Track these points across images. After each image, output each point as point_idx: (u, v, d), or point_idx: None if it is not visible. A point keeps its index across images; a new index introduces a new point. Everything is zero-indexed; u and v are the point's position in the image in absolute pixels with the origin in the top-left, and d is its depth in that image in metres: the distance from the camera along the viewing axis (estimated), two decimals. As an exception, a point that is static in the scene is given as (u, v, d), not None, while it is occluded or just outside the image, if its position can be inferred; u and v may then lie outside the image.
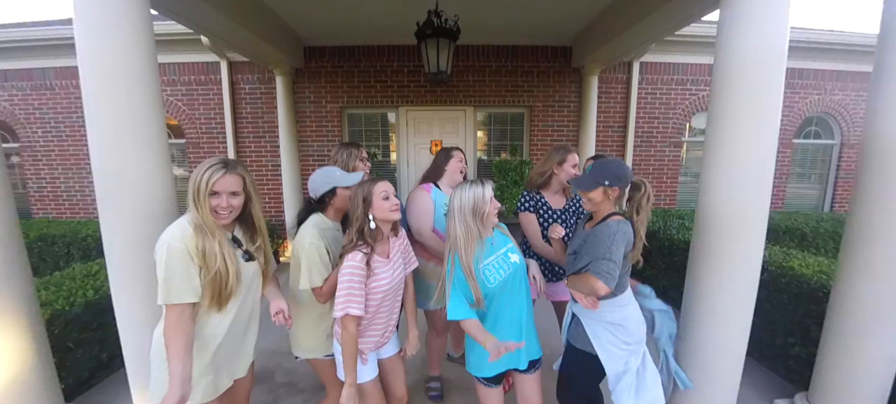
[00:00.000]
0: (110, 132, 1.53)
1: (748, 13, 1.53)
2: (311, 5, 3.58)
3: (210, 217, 1.17)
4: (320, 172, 1.58)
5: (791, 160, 5.33)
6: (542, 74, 4.81)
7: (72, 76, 4.86)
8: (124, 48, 1.51)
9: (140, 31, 1.55)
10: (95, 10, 1.46)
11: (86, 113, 1.53)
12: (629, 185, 1.48)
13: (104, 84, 1.51)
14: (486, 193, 1.38)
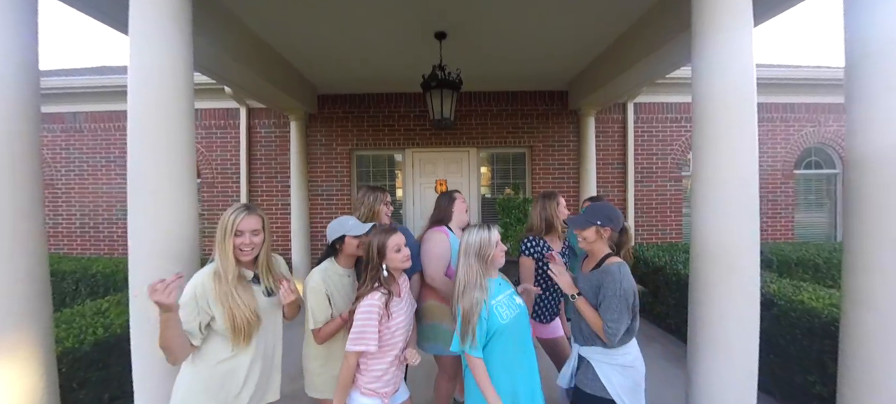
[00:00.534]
0: (149, 175, 1.68)
1: (716, 60, 1.73)
2: (326, 61, 3.93)
3: (232, 258, 1.29)
4: (336, 221, 1.71)
5: (795, 190, 5.37)
6: (541, 116, 5.07)
7: (101, 120, 5.23)
8: (167, 101, 1.70)
9: (182, 86, 1.75)
10: (147, 67, 1.67)
11: (129, 154, 1.68)
12: (621, 228, 1.58)
13: (149, 131, 1.68)
14: (491, 237, 1.48)
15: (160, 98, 1.68)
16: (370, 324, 1.38)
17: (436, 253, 1.93)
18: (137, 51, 1.68)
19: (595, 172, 4.91)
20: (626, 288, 1.40)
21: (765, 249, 4.27)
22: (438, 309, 1.93)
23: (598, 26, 3.25)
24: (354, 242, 1.63)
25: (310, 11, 2.90)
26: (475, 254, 1.45)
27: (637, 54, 3.26)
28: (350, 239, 1.64)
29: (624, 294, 1.40)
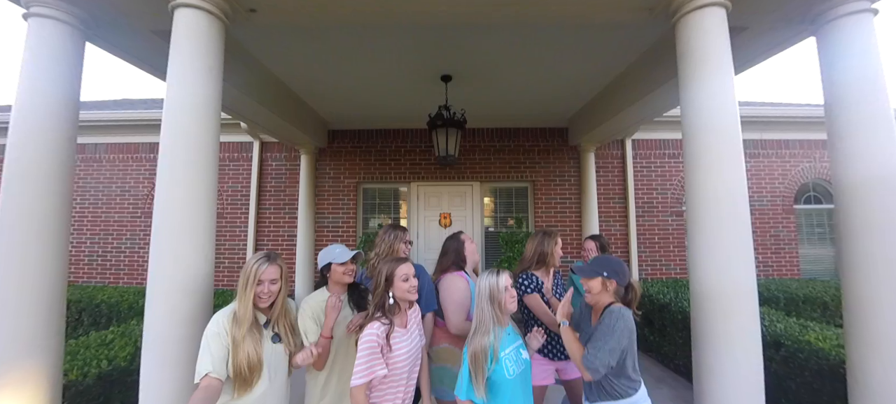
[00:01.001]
0: (173, 213, 1.78)
1: (701, 104, 1.88)
2: (338, 100, 4.17)
3: (251, 306, 1.38)
4: (325, 249, 1.79)
5: (797, 225, 5.39)
6: (543, 152, 5.24)
7: (119, 151, 5.46)
8: (196, 146, 1.84)
9: (209, 131, 1.90)
10: (180, 111, 1.82)
11: (157, 193, 1.79)
12: (627, 283, 1.60)
13: (178, 172, 1.80)
14: (499, 282, 1.50)
15: (189, 142, 1.82)
16: (373, 355, 1.39)
17: (456, 299, 1.89)
18: (172, 97, 1.84)
19: (596, 206, 4.99)
20: (622, 327, 1.41)
21: (771, 286, 4.30)
22: (450, 354, 1.91)
23: (593, 72, 3.48)
24: (341, 269, 1.69)
25: (326, 56, 3.15)
26: (487, 299, 1.48)
27: (631, 97, 3.45)
28: (336, 266, 1.70)
29: (619, 331, 1.40)
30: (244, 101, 3.34)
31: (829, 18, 2.04)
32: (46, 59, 1.98)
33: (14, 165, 1.87)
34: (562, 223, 5.19)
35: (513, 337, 1.56)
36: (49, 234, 1.90)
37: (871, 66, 1.91)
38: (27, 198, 1.86)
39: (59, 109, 1.99)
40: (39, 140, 1.91)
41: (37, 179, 1.88)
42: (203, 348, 1.31)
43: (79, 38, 2.13)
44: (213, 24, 1.94)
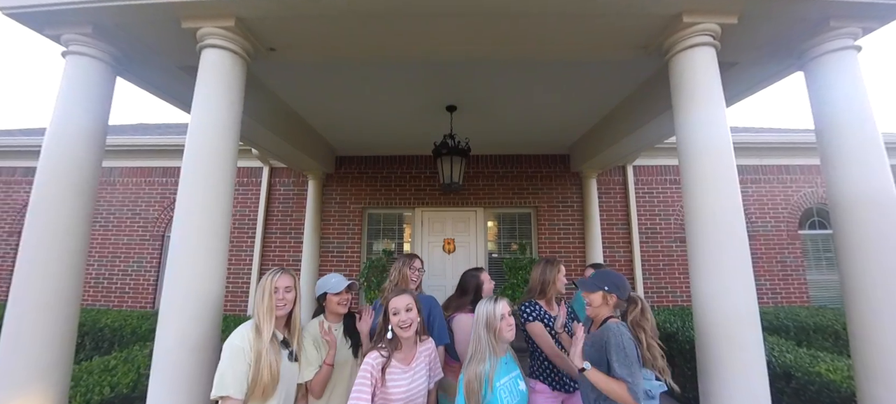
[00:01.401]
0: (190, 239, 1.84)
1: (695, 133, 1.97)
2: (347, 128, 4.34)
3: (271, 316, 1.44)
4: (322, 278, 1.85)
5: (803, 251, 5.33)
6: (545, 178, 5.33)
7: (133, 175, 5.62)
8: (215, 176, 1.93)
9: (228, 162, 2.00)
10: (202, 144, 1.93)
11: (176, 219, 1.86)
12: (627, 297, 1.64)
13: (196, 200, 1.88)
14: (497, 310, 1.53)
15: (209, 171, 1.91)
16: (363, 384, 1.40)
17: (466, 340, 1.88)
18: (195, 129, 1.95)
19: (600, 232, 5.01)
20: (627, 342, 1.43)
21: (780, 314, 4.22)
22: (448, 385, 1.91)
23: (592, 103, 3.62)
24: (335, 299, 1.75)
25: (337, 88, 3.32)
26: (483, 326, 1.51)
27: (630, 126, 3.57)
28: (331, 296, 1.75)
29: (628, 345, 1.42)
30: (257, 129, 3.49)
31: (814, 55, 2.15)
32: (80, 92, 2.13)
33: (43, 189, 1.97)
34: (565, 249, 5.19)
35: (510, 366, 1.57)
36: (69, 258, 1.97)
37: (857, 98, 2.00)
38: (52, 221, 1.94)
39: (88, 138, 2.11)
40: (68, 167, 2.02)
41: (62, 204, 1.97)
42: (226, 364, 1.34)
43: (111, 73, 2.29)
44: (235, 63, 2.09)
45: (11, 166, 5.88)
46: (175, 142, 5.47)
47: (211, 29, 2.00)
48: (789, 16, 1.99)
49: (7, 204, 5.79)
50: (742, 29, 2.05)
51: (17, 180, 5.82)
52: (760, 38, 2.21)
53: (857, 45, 2.10)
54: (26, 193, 5.74)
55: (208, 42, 2.02)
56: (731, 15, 1.94)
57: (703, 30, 1.97)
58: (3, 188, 5.83)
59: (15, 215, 5.72)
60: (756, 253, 5.28)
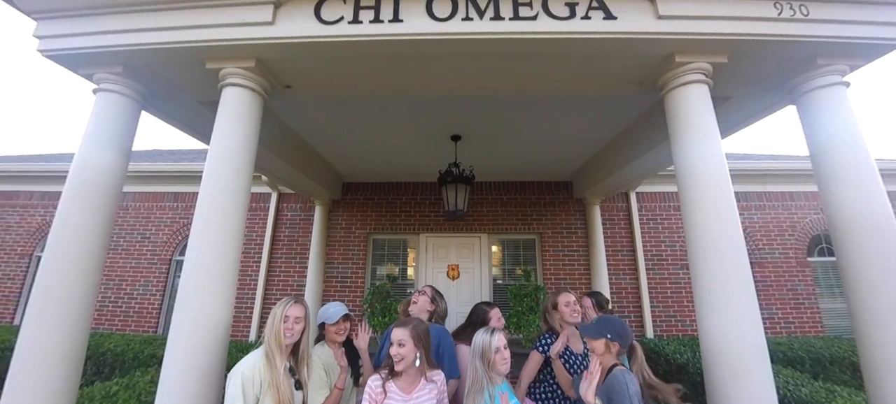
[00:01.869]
0: (202, 268, 1.90)
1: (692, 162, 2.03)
2: (354, 156, 4.48)
3: (282, 344, 1.49)
4: (323, 307, 1.92)
5: (814, 279, 5.23)
6: (549, 205, 5.38)
7: (145, 199, 5.76)
8: (230, 207, 2.02)
9: (242, 194, 2.09)
10: (219, 174, 2.02)
11: (189, 248, 1.92)
12: (629, 344, 1.64)
13: (210, 231, 1.95)
14: (492, 342, 1.56)
15: (224, 201, 2.00)
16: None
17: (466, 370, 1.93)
18: (213, 160, 2.06)
19: (605, 259, 4.98)
20: (634, 393, 1.43)
21: (794, 345, 4.09)
22: None
23: (593, 132, 3.73)
24: (332, 329, 1.81)
25: (346, 119, 3.47)
26: (479, 357, 1.54)
27: (631, 155, 3.65)
28: (329, 326, 1.81)
29: (634, 397, 1.42)
30: (268, 157, 3.62)
31: (805, 90, 2.24)
32: (108, 126, 2.26)
33: (66, 216, 2.06)
34: (570, 276, 5.15)
35: (507, 394, 1.58)
36: (84, 282, 2.04)
37: (849, 130, 2.06)
38: (72, 246, 2.03)
39: (112, 168, 2.23)
40: (92, 194, 2.12)
41: (83, 229, 2.06)
42: (236, 392, 1.36)
43: (137, 108, 2.44)
44: (253, 99, 2.23)
45: (29, 190, 6.07)
46: (187, 169, 5.65)
47: (233, 69, 2.15)
48: (776, 55, 2.10)
49: (22, 226, 5.93)
50: (732, 67, 2.15)
51: (34, 204, 5.99)
52: (751, 75, 2.31)
53: (845, 81, 2.18)
54: (41, 217, 5.89)
55: (229, 81, 2.16)
56: (721, 55, 2.05)
57: (695, 68, 2.08)
58: (19, 211, 5.99)
59: (28, 238, 5.84)
60: (766, 281, 5.19)
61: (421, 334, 1.60)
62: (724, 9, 1.95)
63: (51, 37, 2.20)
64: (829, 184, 2.07)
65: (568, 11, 1.92)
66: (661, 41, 1.97)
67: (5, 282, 5.68)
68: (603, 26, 1.91)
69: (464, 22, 1.90)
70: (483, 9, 1.92)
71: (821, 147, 2.13)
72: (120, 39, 2.13)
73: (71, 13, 2.16)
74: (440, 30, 1.91)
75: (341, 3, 1.99)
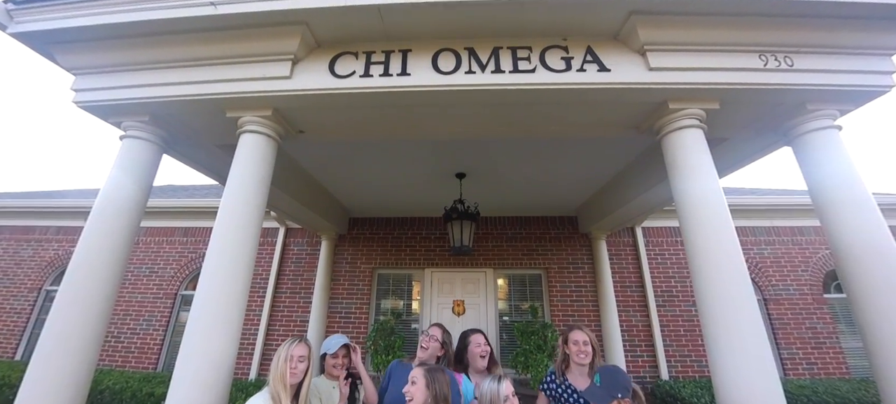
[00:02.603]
0: (209, 306, 1.93)
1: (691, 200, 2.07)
2: (361, 193, 4.60)
3: (288, 384, 1.54)
4: (326, 338, 1.99)
5: (833, 316, 5.02)
6: (554, 240, 5.37)
7: (156, 234, 5.87)
8: (241, 249, 2.08)
9: (253, 234, 2.16)
10: (232, 216, 2.11)
11: (199, 286, 1.96)
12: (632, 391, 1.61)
13: (221, 271, 2.00)
14: (501, 390, 1.55)
15: (236, 240, 2.07)
16: None
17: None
18: (228, 202, 2.14)
19: (613, 295, 4.88)
20: None
21: (819, 388, 3.88)
22: None
23: (596, 170, 3.81)
24: (331, 361, 1.88)
25: (354, 159, 3.61)
26: None
27: (633, 192, 3.70)
28: (329, 357, 1.89)
29: None
30: (277, 194, 3.74)
31: (799, 133, 2.30)
32: (131, 169, 2.40)
33: (84, 254, 2.14)
34: (579, 313, 5.04)
35: None
36: (95, 320, 2.08)
37: (844, 170, 2.09)
38: (88, 285, 2.09)
39: (131, 208, 2.34)
40: (111, 233, 2.22)
41: (100, 269, 2.13)
42: None
43: (159, 152, 2.59)
44: (268, 144, 2.36)
45: (45, 225, 6.25)
46: (199, 205, 5.81)
47: (251, 117, 2.30)
48: (765, 101, 2.20)
49: (34, 260, 6.04)
50: (725, 112, 2.24)
51: (49, 238, 6.14)
52: (744, 119, 2.40)
53: (837, 125, 2.25)
54: (54, 251, 6.02)
55: (247, 128, 2.31)
56: (712, 102, 2.15)
57: (688, 114, 2.17)
58: (34, 245, 6.14)
59: (40, 271, 5.94)
60: (783, 318, 5.01)
61: (437, 384, 1.51)
62: (711, 61, 2.07)
63: (87, 90, 2.40)
64: (830, 222, 2.09)
65: (564, 65, 2.06)
66: (653, 90, 2.08)
67: (12, 316, 5.71)
68: (597, 77, 2.04)
69: (467, 75, 2.05)
70: (484, 63, 2.07)
71: (818, 186, 2.17)
72: (149, 92, 2.31)
73: (107, 69, 2.37)
74: (445, 82, 2.05)
75: (353, 59, 2.16)
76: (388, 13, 1.97)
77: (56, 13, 2.20)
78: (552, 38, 2.09)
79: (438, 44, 2.11)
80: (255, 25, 2.13)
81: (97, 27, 2.18)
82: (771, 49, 2.12)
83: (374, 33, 2.11)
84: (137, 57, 2.30)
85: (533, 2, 1.88)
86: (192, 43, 2.24)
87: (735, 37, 2.09)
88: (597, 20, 2.02)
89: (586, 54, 2.08)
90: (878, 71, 2.15)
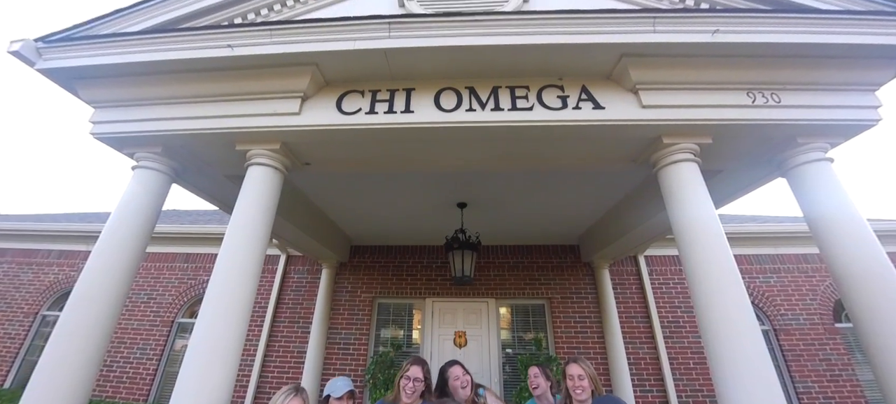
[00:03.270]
0: (210, 335, 1.92)
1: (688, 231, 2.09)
2: (363, 222, 4.64)
3: None
4: (331, 380, 1.97)
5: (846, 347, 4.86)
6: (556, 269, 5.32)
7: (157, 260, 5.86)
8: (244, 278, 2.10)
9: (256, 263, 2.18)
10: (237, 245, 2.14)
11: (200, 317, 1.96)
12: None
13: (224, 299, 2.01)
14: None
15: (240, 268, 2.09)
16: None
17: None
18: (234, 230, 2.18)
19: (618, 326, 4.77)
20: None
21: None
22: None
23: (596, 199, 3.86)
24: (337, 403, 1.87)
25: (357, 189, 3.68)
26: None
27: (634, 221, 3.72)
28: (333, 400, 1.88)
29: None
30: (282, 223, 3.78)
31: (792, 165, 2.35)
32: (141, 198, 2.46)
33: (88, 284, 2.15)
34: (584, 345, 4.90)
35: None
36: (93, 348, 2.06)
37: (838, 200, 2.12)
38: (89, 314, 2.09)
39: (139, 234, 2.38)
40: (117, 262, 2.24)
41: (103, 297, 2.14)
42: None
43: (168, 181, 2.67)
44: (275, 176, 2.43)
45: (47, 248, 6.27)
46: (202, 231, 5.85)
47: (259, 150, 2.39)
48: (756, 136, 2.27)
49: (34, 284, 6.01)
50: (718, 146, 2.32)
51: (50, 262, 6.14)
52: (737, 152, 2.47)
53: (828, 157, 2.31)
54: (54, 275, 6.00)
55: (255, 160, 2.39)
56: (705, 137, 2.23)
57: (682, 148, 2.24)
58: (34, 269, 6.13)
59: (37, 296, 5.89)
60: (795, 350, 4.87)
61: None
62: (701, 99, 2.16)
63: (104, 122, 2.51)
64: (829, 253, 2.10)
65: (560, 103, 2.16)
66: (646, 126, 2.17)
67: (5, 341, 5.60)
68: (592, 115, 2.13)
69: (468, 112, 2.15)
70: (484, 101, 2.17)
71: (815, 217, 2.19)
72: (163, 125, 2.41)
73: (124, 103, 2.49)
74: (446, 119, 2.15)
75: (360, 97, 2.27)
76: (394, 56, 2.10)
77: (83, 51, 2.35)
78: (548, 77, 2.21)
79: (440, 83, 2.22)
80: (268, 65, 2.26)
81: (121, 65, 2.32)
82: (758, 86, 2.22)
83: (380, 73, 2.23)
84: (154, 92, 2.43)
85: (529, 46, 2.01)
86: (207, 80, 2.37)
87: (722, 76, 2.19)
88: (589, 62, 2.14)
89: (581, 93, 2.18)
90: (864, 106, 2.23)
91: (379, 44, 2.07)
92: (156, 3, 2.53)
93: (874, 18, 2.10)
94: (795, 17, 2.10)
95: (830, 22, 2.10)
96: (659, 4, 2.43)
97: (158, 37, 2.29)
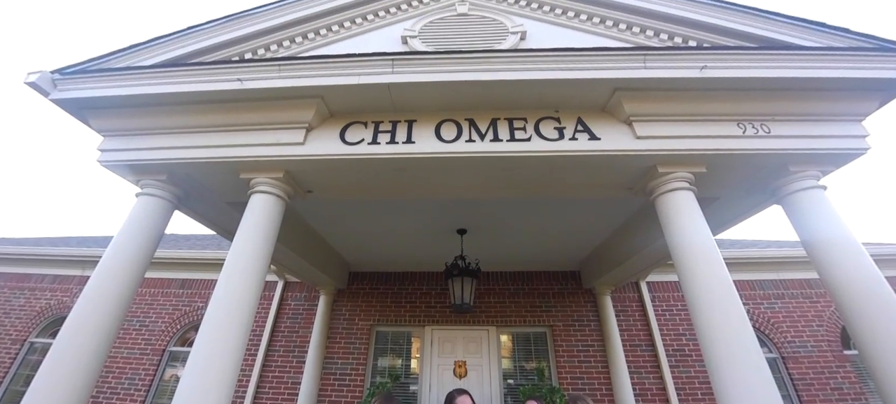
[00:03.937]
0: (203, 363, 1.87)
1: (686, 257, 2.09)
2: (362, 247, 4.62)
3: None
4: None
5: (858, 375, 4.71)
6: (558, 295, 5.25)
7: (152, 285, 5.76)
8: (243, 306, 2.08)
9: (255, 291, 2.16)
10: (241, 271, 2.13)
11: (196, 345, 1.92)
12: None
13: (222, 328, 1.97)
14: None
15: (239, 295, 2.07)
16: None
17: None
18: (234, 257, 2.18)
19: (623, 355, 4.65)
20: None
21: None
22: None
23: (596, 225, 3.87)
24: None
25: (356, 215, 3.70)
26: None
27: (635, 246, 3.72)
28: None
29: None
30: (281, 249, 3.76)
31: (786, 193, 2.40)
32: (143, 224, 2.47)
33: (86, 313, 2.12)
34: (588, 374, 4.76)
35: None
36: (83, 380, 2.00)
37: (833, 227, 2.14)
38: (83, 342, 2.05)
39: (139, 259, 2.38)
40: (116, 286, 2.22)
41: (99, 327, 2.10)
42: None
43: (171, 208, 2.69)
44: (277, 204, 2.46)
45: (42, 273, 6.18)
46: (200, 257, 5.81)
47: (263, 178, 2.43)
48: (749, 165, 2.33)
49: (25, 310, 5.88)
50: (712, 175, 2.37)
51: (43, 287, 6.03)
52: (732, 181, 2.52)
53: (821, 185, 2.35)
54: (47, 300, 5.89)
55: (258, 189, 2.42)
56: (699, 166, 2.28)
57: (677, 177, 2.28)
58: (26, 294, 6.02)
59: (27, 322, 5.74)
60: (805, 379, 4.73)
61: None
62: (693, 130, 2.24)
63: (112, 150, 2.56)
64: (829, 280, 2.10)
65: (557, 134, 2.23)
66: (641, 156, 2.22)
67: (-10, 371, 5.42)
68: (588, 145, 2.19)
69: (467, 143, 2.21)
70: (484, 132, 2.24)
71: (812, 244, 2.21)
72: (169, 154, 2.47)
73: (132, 132, 2.55)
74: (447, 149, 2.21)
75: (362, 128, 2.34)
76: (397, 89, 2.18)
77: (97, 83, 2.44)
78: (545, 110, 2.29)
79: (441, 115, 2.30)
80: (275, 98, 2.34)
81: (133, 97, 2.40)
82: (748, 118, 2.30)
83: (383, 105, 2.32)
84: (163, 122, 2.50)
85: (525, 82, 2.10)
86: (214, 111, 2.45)
87: (713, 108, 2.28)
88: (584, 96, 2.23)
89: (577, 124, 2.25)
90: (852, 135, 2.30)
91: (383, 79, 2.16)
92: (169, 39, 2.66)
93: (854, 54, 2.21)
94: (780, 54, 2.21)
95: (813, 57, 2.21)
96: (649, 42, 2.56)
97: (171, 70, 2.39)
